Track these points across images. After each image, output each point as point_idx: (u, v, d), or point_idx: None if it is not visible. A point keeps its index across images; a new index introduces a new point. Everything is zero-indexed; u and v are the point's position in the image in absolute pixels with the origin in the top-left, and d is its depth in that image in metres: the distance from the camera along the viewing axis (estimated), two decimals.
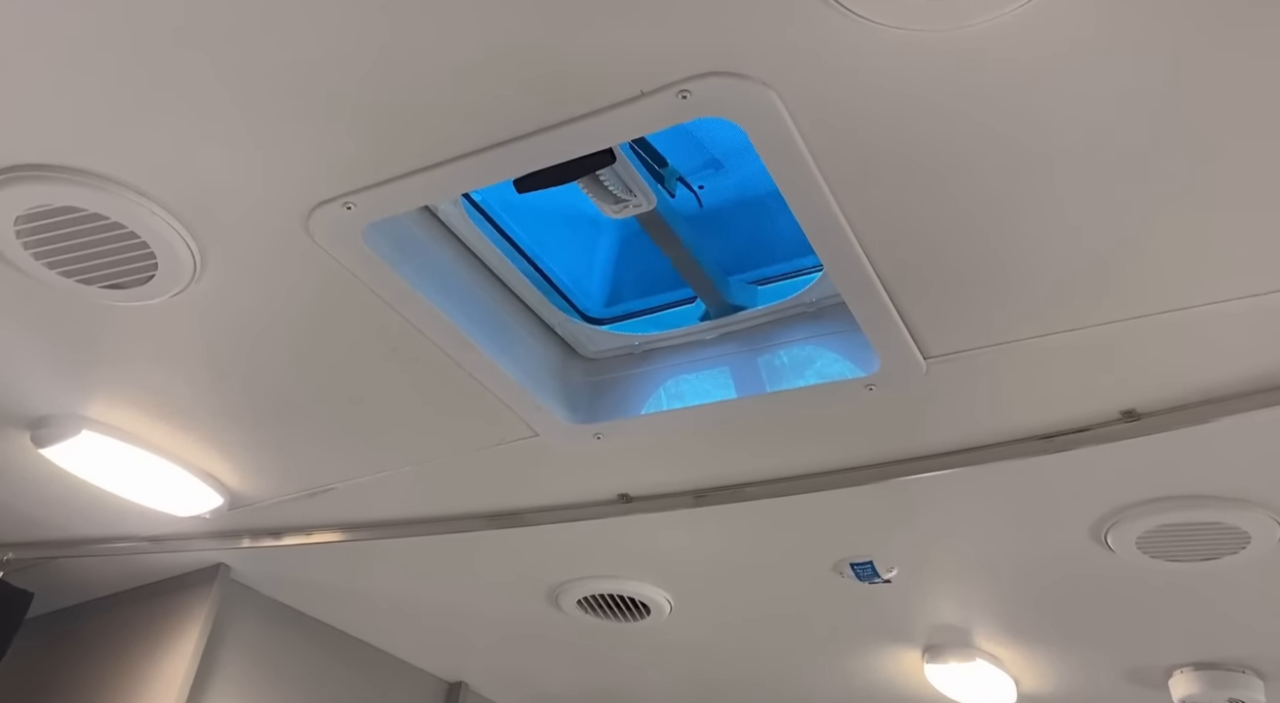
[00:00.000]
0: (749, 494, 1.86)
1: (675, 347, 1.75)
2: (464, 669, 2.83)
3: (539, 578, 2.28)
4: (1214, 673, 2.21)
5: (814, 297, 1.62)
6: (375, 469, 1.89)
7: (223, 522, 2.07)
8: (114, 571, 2.30)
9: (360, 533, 2.07)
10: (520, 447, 1.80)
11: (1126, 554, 1.83)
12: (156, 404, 1.71)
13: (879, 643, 2.39)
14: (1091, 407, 1.52)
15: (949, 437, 1.64)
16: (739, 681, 2.68)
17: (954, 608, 2.18)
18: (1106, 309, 1.34)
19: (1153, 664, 2.29)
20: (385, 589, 2.38)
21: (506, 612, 2.45)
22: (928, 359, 1.47)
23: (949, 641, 2.35)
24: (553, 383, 1.74)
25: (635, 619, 2.40)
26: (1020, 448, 1.61)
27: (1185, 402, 1.47)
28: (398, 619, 2.54)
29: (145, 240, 1.30)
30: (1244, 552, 1.75)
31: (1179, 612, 2.04)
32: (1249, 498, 1.64)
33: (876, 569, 2.08)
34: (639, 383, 1.75)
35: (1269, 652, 2.13)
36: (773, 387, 1.61)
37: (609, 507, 1.96)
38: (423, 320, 1.50)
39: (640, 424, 1.71)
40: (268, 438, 1.81)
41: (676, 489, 1.91)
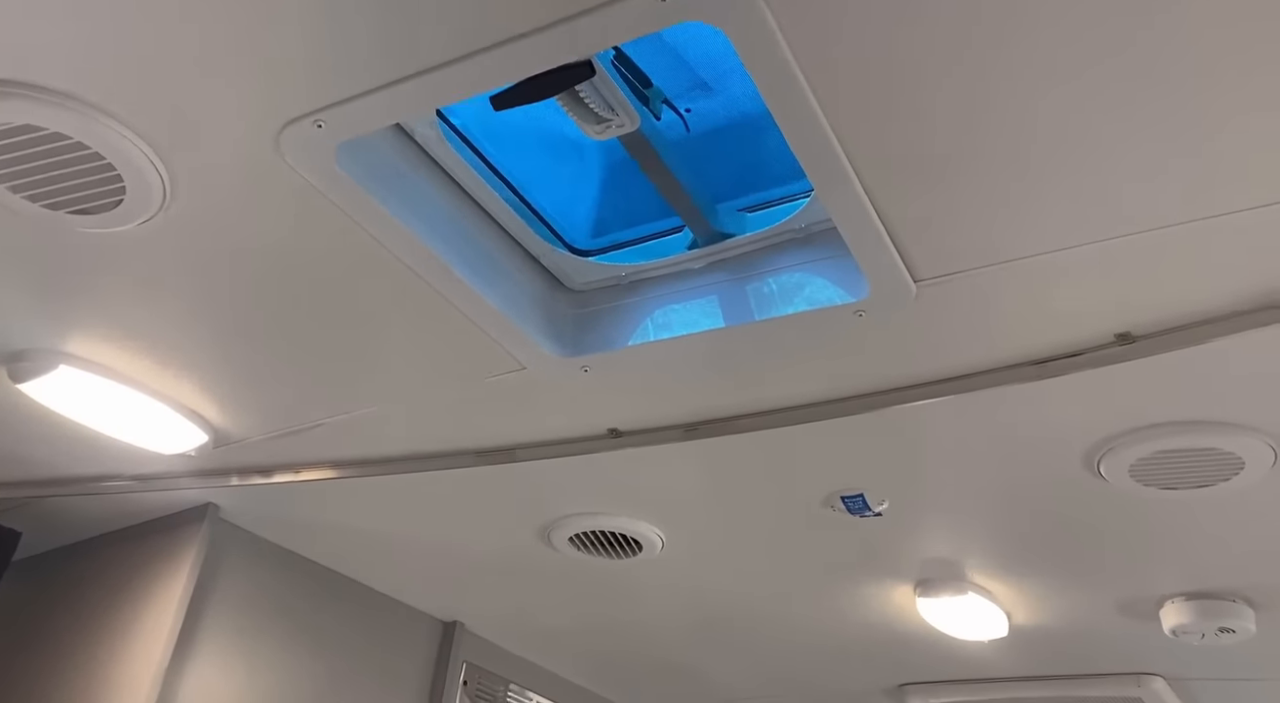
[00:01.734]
0: (739, 427, 1.85)
1: (662, 277, 1.72)
2: (459, 609, 2.84)
3: (530, 516, 2.27)
4: (1205, 603, 2.21)
5: (803, 222, 1.58)
6: (361, 404, 1.87)
7: (210, 460, 2.06)
8: (102, 510, 2.29)
9: (350, 470, 2.06)
10: (508, 381, 1.77)
11: (1119, 483, 1.82)
12: (135, 338, 1.68)
13: (871, 578, 2.40)
14: (1085, 331, 1.49)
15: (940, 364, 1.61)
16: (732, 616, 2.70)
17: (945, 541, 2.18)
18: (1099, 226, 1.31)
19: (1145, 595, 2.30)
20: (378, 528, 2.38)
21: (500, 550, 2.45)
22: (918, 282, 1.44)
23: (941, 574, 2.35)
24: (539, 316, 1.71)
25: (627, 556, 2.40)
26: (1012, 374, 1.59)
27: (1180, 323, 1.44)
28: (392, 559, 2.54)
29: (111, 162, 1.26)
30: (1237, 478, 1.73)
31: (1171, 542, 2.04)
32: (1243, 423, 1.62)
33: (868, 502, 2.08)
34: (626, 314, 1.72)
35: (1260, 580, 2.14)
36: (761, 315, 1.58)
37: (598, 442, 1.95)
38: (403, 249, 1.47)
39: (628, 356, 1.68)
40: (250, 373, 1.78)
41: (666, 423, 1.89)
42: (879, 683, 3.09)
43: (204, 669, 2.18)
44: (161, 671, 2.03)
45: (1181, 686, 2.78)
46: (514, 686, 3.07)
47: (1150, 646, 2.57)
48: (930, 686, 3.02)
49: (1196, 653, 2.57)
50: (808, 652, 2.89)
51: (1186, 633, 2.27)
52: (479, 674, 2.95)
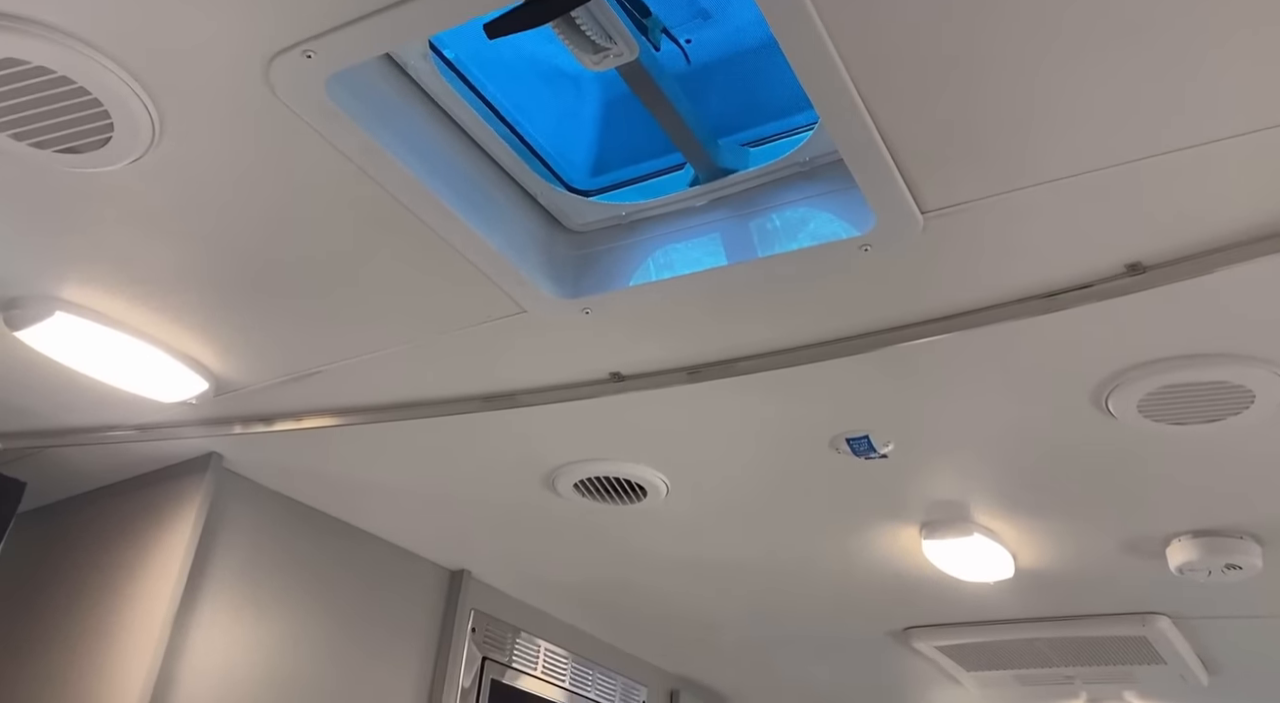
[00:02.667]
0: (742, 369, 1.83)
1: (664, 215, 1.69)
2: (466, 557, 2.85)
3: (535, 463, 2.26)
4: (1212, 540, 2.21)
5: (807, 155, 1.55)
6: (361, 350, 1.85)
7: (211, 408, 2.05)
8: (105, 461, 2.29)
9: (352, 418, 2.05)
10: (508, 324, 1.76)
11: (1128, 419, 1.80)
12: (130, 283, 1.66)
13: (877, 520, 2.40)
14: (1095, 262, 1.46)
15: (946, 300, 1.59)
16: (738, 560, 2.70)
17: (951, 483, 2.17)
18: (1105, 152, 1.27)
19: (1151, 534, 2.30)
20: (382, 477, 2.38)
21: (505, 498, 2.46)
22: (925, 214, 1.41)
23: (946, 516, 2.35)
24: (539, 256, 1.68)
25: (632, 502, 2.40)
26: (1020, 308, 1.56)
27: (1191, 252, 1.41)
28: (397, 507, 2.55)
29: (97, 98, 1.22)
30: (1247, 411, 1.72)
31: (1179, 479, 2.03)
32: (1254, 355, 1.60)
33: (873, 444, 2.06)
34: (627, 254, 1.69)
35: (1268, 516, 2.13)
36: (764, 251, 1.55)
37: (601, 386, 1.93)
38: (399, 187, 1.44)
39: (629, 297, 1.66)
40: (249, 318, 1.76)
41: (669, 366, 1.87)
42: (884, 626, 3.11)
43: (213, 617, 2.19)
44: (170, 618, 2.04)
45: (1186, 624, 2.79)
46: (522, 633, 3.09)
47: (1156, 585, 2.57)
48: (935, 629, 3.04)
49: (1201, 591, 2.57)
50: (813, 596, 2.91)
51: (1193, 570, 2.27)
52: (487, 622, 2.97)
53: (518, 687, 3.01)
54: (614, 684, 3.44)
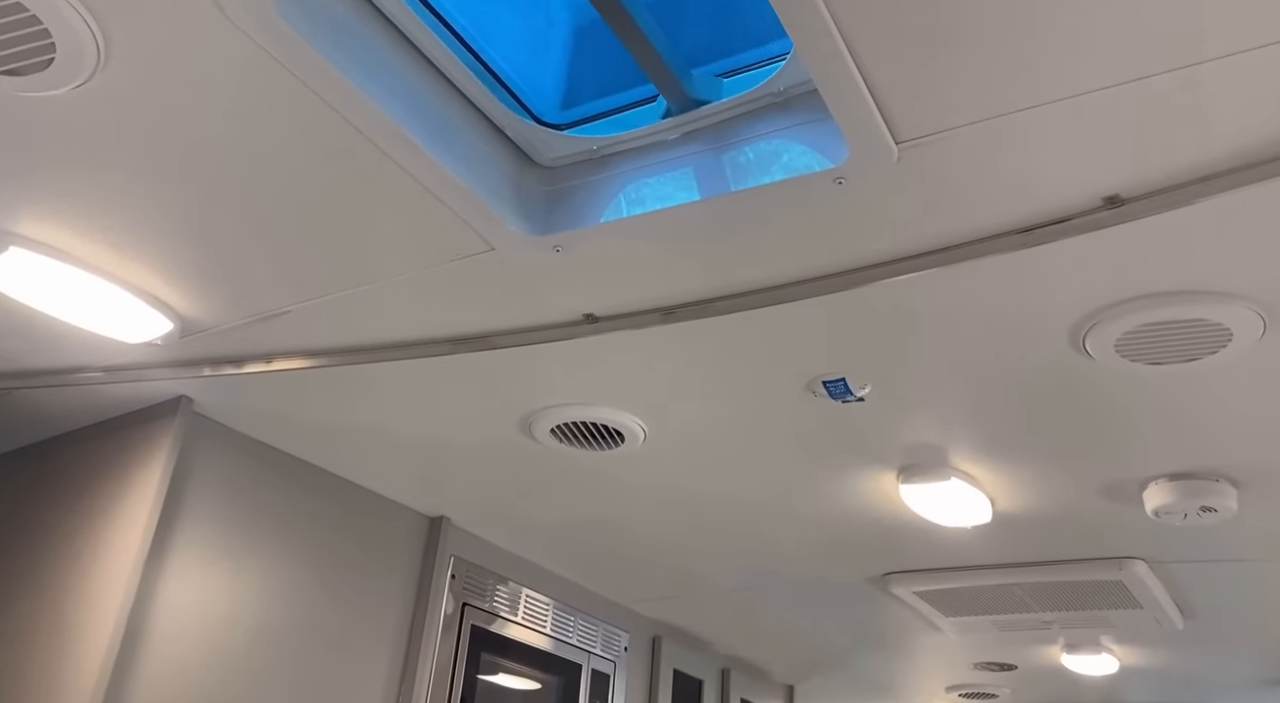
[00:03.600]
0: (717, 309, 1.80)
1: (636, 149, 1.65)
2: (445, 504, 2.84)
3: (511, 407, 2.24)
4: (1188, 483, 2.21)
5: (781, 85, 1.51)
6: (328, 289, 1.81)
7: (179, 350, 2.02)
8: (73, 404, 2.26)
9: (323, 359, 2.02)
10: (477, 262, 1.72)
11: (1105, 359, 1.79)
12: (88, 218, 1.61)
13: (854, 464, 2.39)
14: (1072, 195, 1.43)
15: (922, 236, 1.56)
16: (717, 506, 2.70)
17: (928, 426, 2.16)
18: (1082, 77, 1.24)
19: (1128, 478, 2.30)
20: (358, 422, 2.36)
21: (482, 443, 2.44)
22: (899, 144, 1.37)
23: (924, 460, 2.34)
24: (507, 192, 1.64)
25: (610, 447, 2.39)
26: (998, 244, 1.54)
27: (1168, 185, 1.38)
28: (373, 453, 2.53)
29: (36, 14, 1.17)
30: (1225, 350, 1.70)
31: (1156, 421, 2.02)
32: (1231, 291, 1.58)
33: (849, 387, 2.05)
34: (598, 190, 1.65)
35: (1243, 459, 2.13)
36: (737, 185, 1.52)
37: (575, 327, 1.91)
38: (357, 115, 1.39)
39: (600, 233, 1.62)
40: (212, 256, 1.72)
41: (643, 308, 1.84)
42: (864, 572, 3.13)
43: (186, 563, 2.18)
44: (139, 563, 2.03)
45: (1162, 569, 2.81)
46: (503, 579, 3.10)
47: (1132, 529, 2.58)
48: (914, 574, 3.06)
49: (1177, 536, 2.59)
50: (793, 542, 2.91)
51: (1169, 513, 2.27)
52: (467, 568, 2.98)
53: (499, 633, 3.03)
54: (595, 630, 3.46)
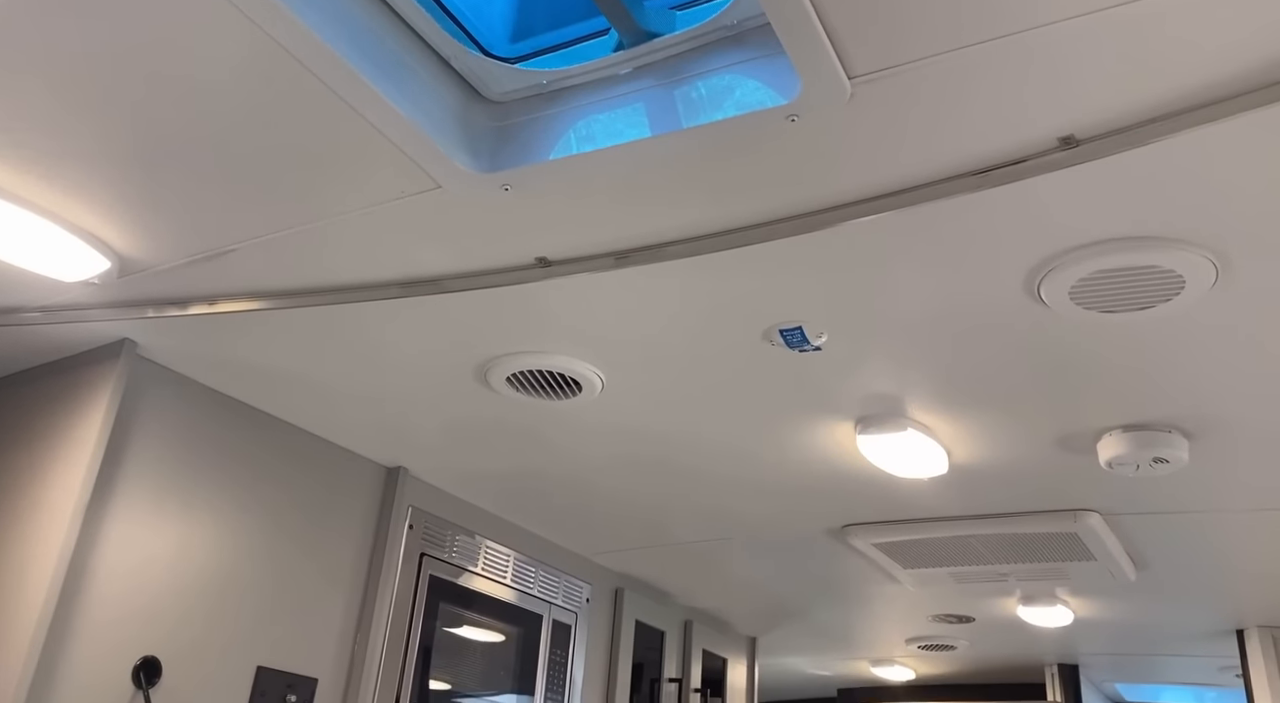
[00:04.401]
0: (671, 253, 1.77)
1: (587, 83, 1.60)
2: (403, 454, 2.82)
3: (466, 355, 2.21)
4: (1141, 434, 2.23)
5: (734, 18, 1.47)
6: (270, 228, 1.76)
7: (119, 290, 1.96)
8: (12, 346, 2.19)
9: (269, 302, 1.97)
10: (424, 201, 1.67)
11: (1060, 307, 1.78)
12: (14, 147, 1.55)
13: (813, 415, 2.38)
14: (1028, 135, 1.41)
15: (877, 178, 1.53)
16: (676, 457, 2.69)
17: (885, 376, 2.16)
18: (1040, 7, 1.21)
19: (1083, 429, 2.31)
20: (311, 369, 2.31)
21: (438, 392, 2.41)
22: (852, 79, 1.34)
23: (881, 410, 2.34)
24: (454, 127, 1.60)
25: (567, 396, 2.36)
26: (953, 186, 1.51)
27: (1124, 124, 1.36)
28: (329, 402, 2.49)
29: None
30: (1178, 298, 1.70)
31: (1111, 371, 2.02)
32: (1184, 237, 1.57)
33: (806, 336, 2.03)
34: (548, 126, 1.61)
35: (1195, 410, 2.14)
36: (689, 122, 1.48)
37: (527, 271, 1.87)
38: (295, 43, 1.34)
39: (549, 171, 1.58)
40: (149, 191, 1.67)
41: (596, 251, 1.81)
42: (823, 523, 3.14)
43: (131, 508, 2.14)
44: (80, 507, 1.99)
45: (1116, 521, 2.84)
46: (463, 530, 3.09)
47: (1087, 481, 2.60)
48: (872, 526, 3.08)
49: (1130, 488, 2.61)
50: (753, 493, 2.92)
51: (1122, 464, 2.29)
52: (425, 519, 2.96)
53: (458, 583, 3.02)
54: (557, 582, 3.46)
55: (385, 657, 2.72)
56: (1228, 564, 3.12)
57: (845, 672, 5.38)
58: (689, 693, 4.07)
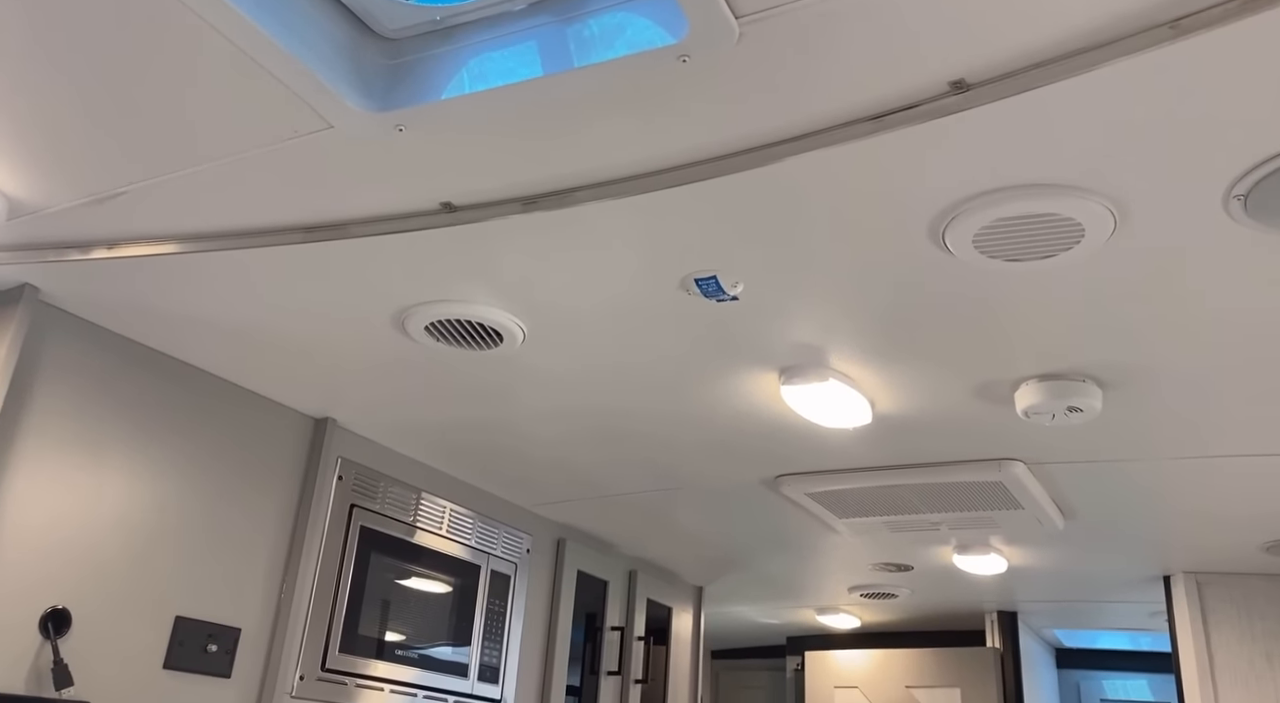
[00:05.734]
0: (578, 199, 1.74)
1: (481, 20, 1.55)
2: (329, 405, 2.79)
3: (381, 303, 2.18)
4: (1055, 383, 2.25)
5: None
6: (163, 169, 1.71)
7: (13, 233, 1.90)
8: None
9: (170, 246, 1.93)
10: (317, 141, 1.63)
11: (965, 255, 1.78)
12: None
13: (737, 366, 2.38)
14: (918, 79, 1.39)
15: (772, 124, 1.51)
16: (603, 408, 2.69)
17: (803, 326, 2.15)
18: None
19: (1000, 378, 2.32)
20: (227, 316, 2.27)
21: (359, 341, 2.38)
22: (740, 19, 1.31)
23: (802, 361, 2.34)
24: (343, 64, 1.55)
25: (489, 347, 2.34)
26: (848, 131, 1.49)
27: (1015, 68, 1.34)
28: (248, 351, 2.45)
29: None
30: (1079, 247, 1.70)
31: (1022, 321, 2.03)
32: (1080, 185, 1.56)
33: (721, 285, 2.02)
34: (441, 64, 1.57)
35: (1106, 358, 2.16)
36: (580, 61, 1.44)
37: (433, 217, 1.84)
38: None
39: (443, 110, 1.54)
40: (35, 131, 1.61)
41: (502, 196, 1.78)
42: (756, 474, 3.16)
43: (37, 460, 2.11)
44: None
45: (1040, 469, 2.88)
46: (396, 481, 3.07)
47: (1009, 431, 2.63)
48: (804, 476, 3.10)
49: (1052, 437, 2.64)
50: (686, 443, 2.92)
51: (1037, 414, 2.31)
52: (355, 470, 2.94)
53: (390, 534, 3.02)
54: (495, 532, 3.47)
55: (313, 608, 2.72)
56: (1152, 512, 3.18)
57: (792, 620, 5.48)
58: (632, 641, 4.13)
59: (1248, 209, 1.53)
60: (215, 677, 2.42)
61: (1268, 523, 3.17)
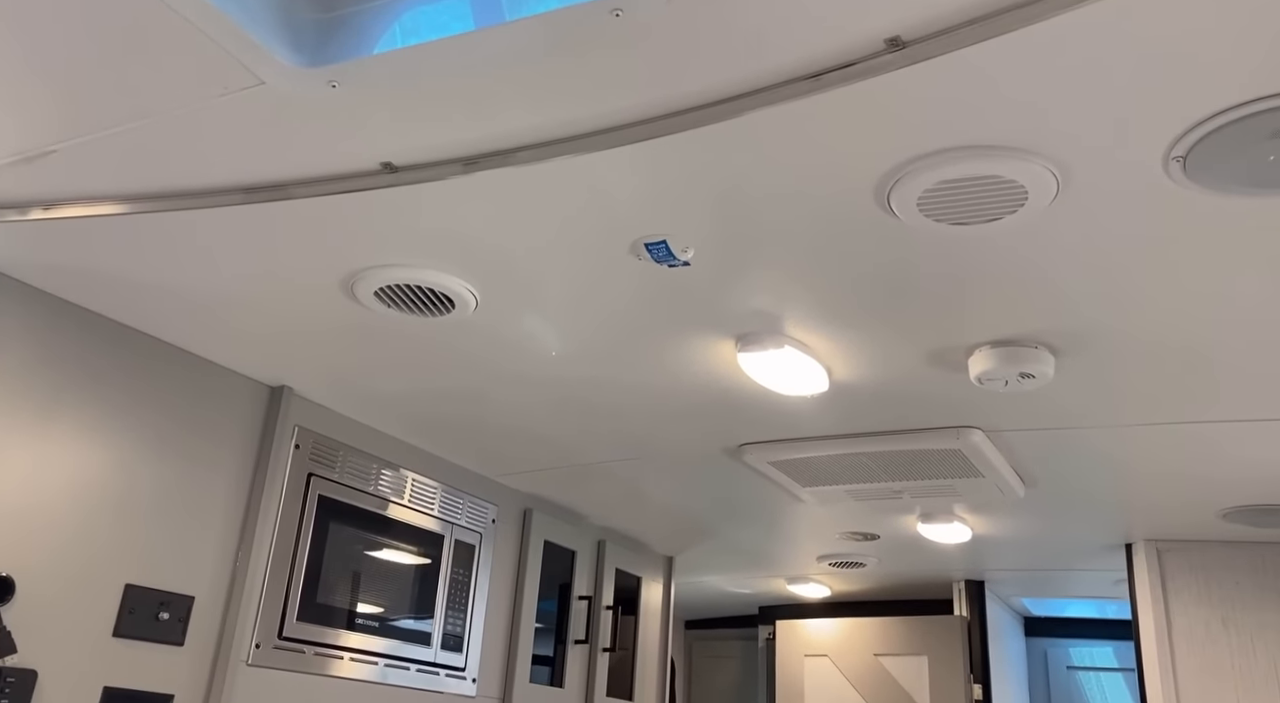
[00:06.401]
0: (519, 159, 1.71)
1: None
2: (285, 373, 2.76)
3: (328, 268, 2.15)
4: (1007, 350, 2.24)
5: None
6: (92, 127, 1.67)
7: None
8: None
9: (107, 206, 1.89)
10: (251, 99, 1.60)
11: (911, 219, 1.76)
12: None
13: (694, 333, 2.37)
14: (854, 37, 1.37)
15: (709, 82, 1.48)
16: (562, 377, 2.67)
17: (757, 292, 2.14)
18: None
19: (954, 345, 2.32)
20: (174, 282, 2.24)
21: (309, 307, 2.35)
22: None
23: (758, 328, 2.33)
24: (271, 18, 1.51)
25: (441, 313, 2.32)
26: (787, 91, 1.47)
27: (950, 24, 1.32)
28: (198, 318, 2.42)
29: None
30: (1023, 210, 1.69)
31: (973, 287, 2.02)
32: (1023, 147, 1.55)
33: (671, 250, 2.00)
34: (374, 18, 1.53)
35: (1058, 325, 2.16)
36: (512, 14, 1.42)
37: (374, 177, 1.81)
38: None
39: (375, 66, 1.51)
40: None
41: (443, 156, 1.75)
42: (720, 443, 3.16)
43: None
44: None
45: (999, 437, 2.89)
46: (356, 451, 3.06)
47: (966, 398, 2.63)
48: (766, 445, 3.10)
49: (1009, 404, 2.65)
50: (648, 412, 2.92)
51: (990, 380, 2.31)
52: (313, 439, 2.92)
53: (350, 503, 3.00)
54: (459, 502, 3.46)
55: (269, 576, 2.70)
56: (1111, 480, 3.20)
57: (764, 590, 5.51)
58: (600, 610, 4.14)
59: (1187, 171, 1.52)
60: (168, 645, 2.41)
61: (1225, 490, 3.20)
